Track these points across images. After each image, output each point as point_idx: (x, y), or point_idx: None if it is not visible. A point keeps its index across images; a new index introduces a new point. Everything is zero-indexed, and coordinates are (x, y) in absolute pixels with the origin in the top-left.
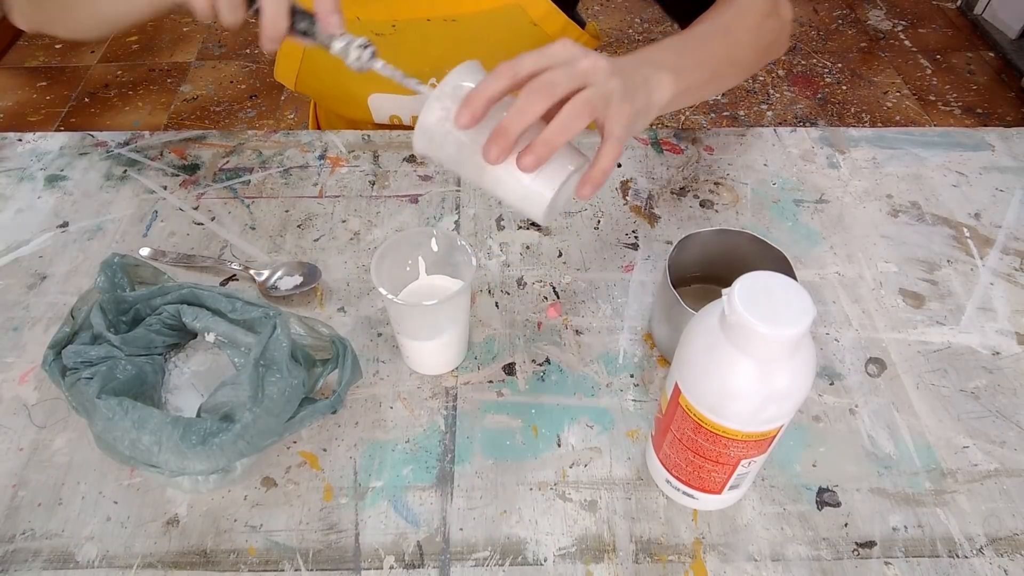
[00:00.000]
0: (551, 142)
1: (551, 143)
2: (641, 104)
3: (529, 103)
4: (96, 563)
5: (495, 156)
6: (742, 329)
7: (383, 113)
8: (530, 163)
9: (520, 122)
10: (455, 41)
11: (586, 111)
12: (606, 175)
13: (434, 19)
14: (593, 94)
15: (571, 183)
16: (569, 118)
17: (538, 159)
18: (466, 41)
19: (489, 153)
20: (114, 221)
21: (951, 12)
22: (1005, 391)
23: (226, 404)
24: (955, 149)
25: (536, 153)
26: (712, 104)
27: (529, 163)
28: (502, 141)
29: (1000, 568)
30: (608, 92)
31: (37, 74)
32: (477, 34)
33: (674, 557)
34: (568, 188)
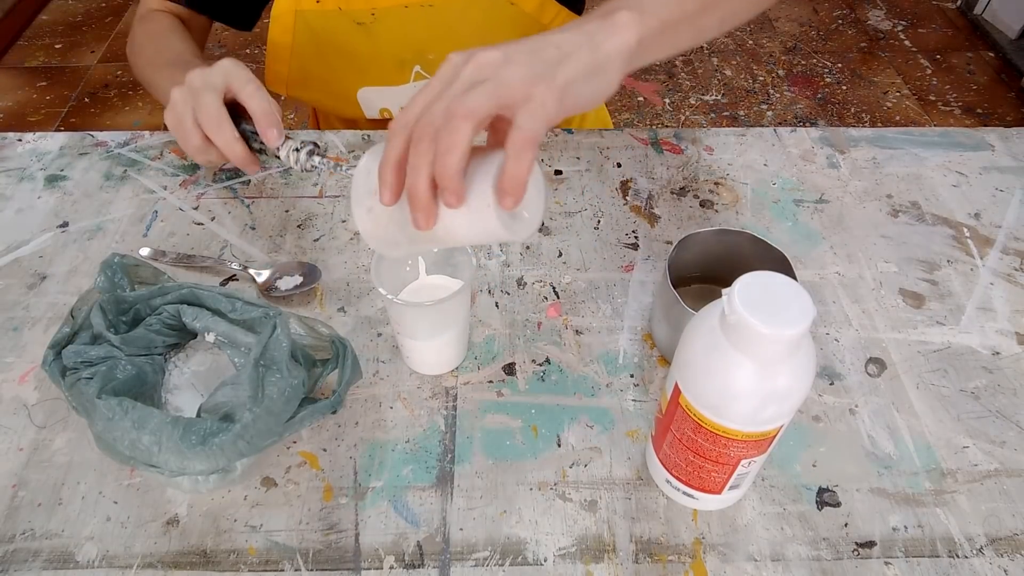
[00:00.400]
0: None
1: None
2: (576, 69)
3: (417, 154)
4: (96, 563)
5: (423, 221)
6: (742, 329)
7: (373, 107)
8: (451, 200)
9: (420, 177)
10: (434, 26)
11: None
12: (518, 182)
13: (411, 5)
14: (475, 91)
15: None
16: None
17: (453, 192)
18: (445, 25)
19: (417, 221)
20: (114, 221)
21: (951, 12)
22: (1005, 391)
23: (226, 404)
24: (955, 149)
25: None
26: (712, 104)
27: (450, 200)
28: (418, 203)
29: (1000, 568)
30: (503, 80)
31: (37, 74)
32: (455, 18)
33: (674, 557)
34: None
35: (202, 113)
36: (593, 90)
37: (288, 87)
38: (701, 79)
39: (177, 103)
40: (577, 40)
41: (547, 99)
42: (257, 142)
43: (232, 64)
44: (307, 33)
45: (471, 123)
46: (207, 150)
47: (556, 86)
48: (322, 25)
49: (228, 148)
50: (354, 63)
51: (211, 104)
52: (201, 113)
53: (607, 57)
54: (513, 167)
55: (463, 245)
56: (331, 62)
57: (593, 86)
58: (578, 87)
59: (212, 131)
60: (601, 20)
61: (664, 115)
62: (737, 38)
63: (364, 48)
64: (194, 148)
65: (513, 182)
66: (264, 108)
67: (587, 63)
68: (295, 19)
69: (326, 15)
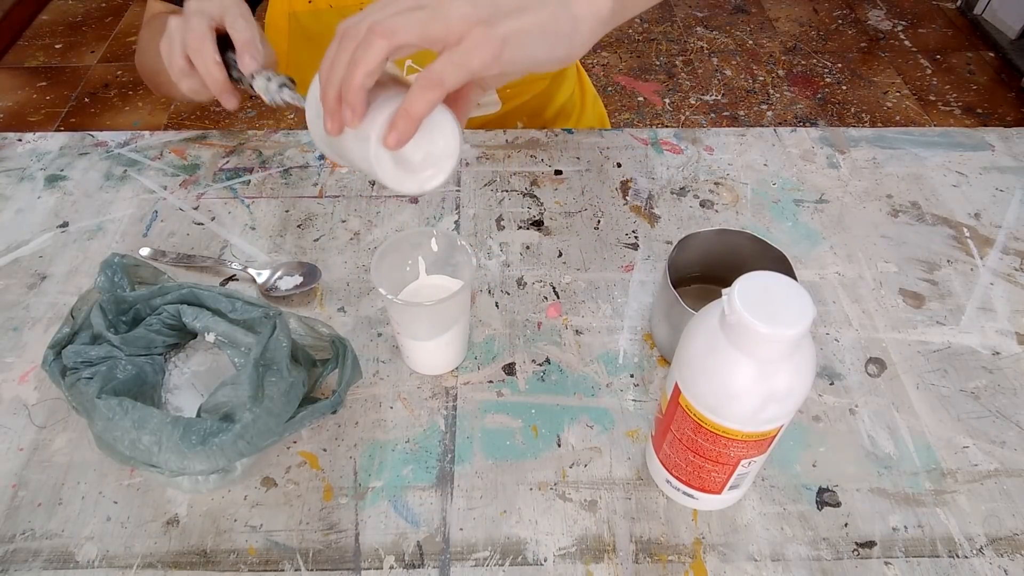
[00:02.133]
0: (349, 83)
1: (350, 84)
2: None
3: (338, 51)
4: (96, 563)
5: (331, 125)
6: (742, 329)
7: None
8: (347, 115)
9: (334, 78)
10: None
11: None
12: (407, 118)
13: None
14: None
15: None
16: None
17: (352, 108)
18: None
19: (327, 123)
20: (114, 221)
21: (951, 12)
22: (1005, 391)
23: (226, 404)
24: (955, 149)
25: (347, 102)
26: (712, 104)
27: (346, 115)
28: (328, 103)
29: (1000, 568)
30: (440, 13)
31: (37, 74)
32: None
33: (674, 557)
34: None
35: (188, 35)
36: (550, 52)
37: None
38: (701, 79)
39: (171, 29)
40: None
41: (479, 46)
42: (237, 71)
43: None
44: (301, 35)
45: (386, 42)
46: (190, 74)
47: (496, 34)
48: (315, 25)
49: (206, 70)
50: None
51: (197, 27)
52: (187, 35)
53: (575, 20)
54: (407, 102)
55: (360, 169)
56: None
57: (550, 47)
58: (526, 41)
59: (193, 53)
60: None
61: (664, 115)
62: (737, 38)
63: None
64: (178, 70)
65: (401, 117)
66: (245, 36)
67: (546, 20)
68: (289, 22)
69: (318, 14)
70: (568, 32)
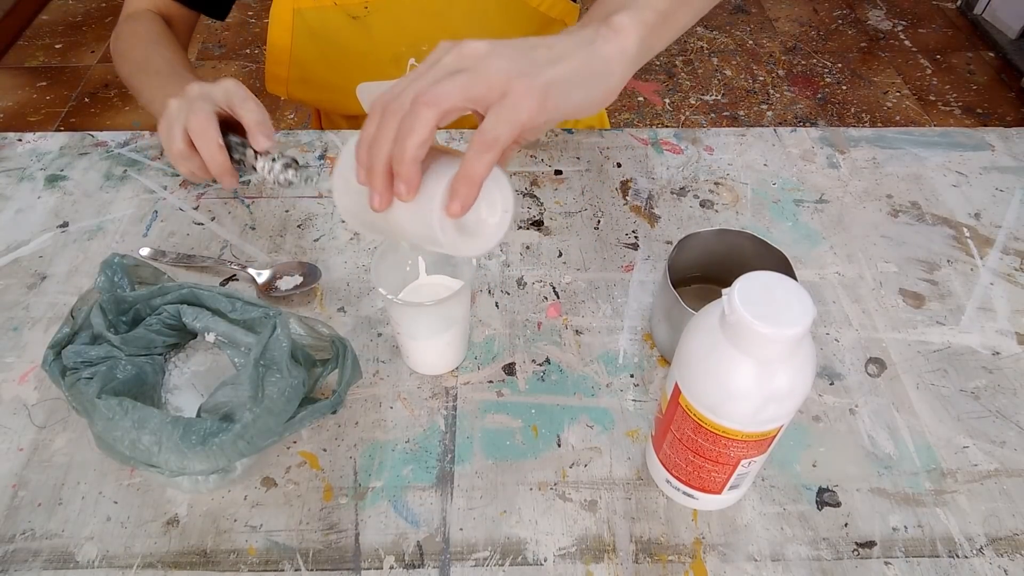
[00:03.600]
0: (401, 156)
1: (402, 157)
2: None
3: (381, 128)
4: (96, 563)
5: (377, 200)
6: (742, 329)
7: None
8: (400, 190)
9: (380, 154)
10: (426, 16)
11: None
12: (468, 183)
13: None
14: (448, 82)
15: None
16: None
17: (406, 182)
18: (436, 15)
19: (372, 200)
20: (114, 221)
21: (951, 12)
22: (1005, 391)
23: (226, 404)
24: (955, 149)
25: (400, 177)
26: (712, 104)
27: (400, 190)
28: (374, 180)
29: (1000, 568)
30: (480, 73)
31: (37, 74)
32: (446, 7)
33: (674, 557)
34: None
35: (191, 118)
36: (588, 94)
37: (289, 88)
38: (701, 79)
39: (172, 110)
40: (573, 43)
41: (524, 99)
42: (239, 153)
43: (235, 84)
44: (305, 31)
45: (434, 111)
46: (190, 157)
47: (537, 85)
48: (319, 21)
49: (210, 153)
50: (351, 58)
51: (202, 111)
52: (191, 118)
53: (605, 61)
54: (466, 167)
55: (413, 242)
56: (329, 58)
57: (587, 90)
58: (566, 89)
59: (197, 135)
60: (599, 25)
61: (664, 115)
62: (737, 38)
63: (360, 42)
64: (177, 152)
65: (462, 183)
66: (257, 117)
67: (580, 66)
68: (293, 17)
69: (322, 11)
70: (602, 72)
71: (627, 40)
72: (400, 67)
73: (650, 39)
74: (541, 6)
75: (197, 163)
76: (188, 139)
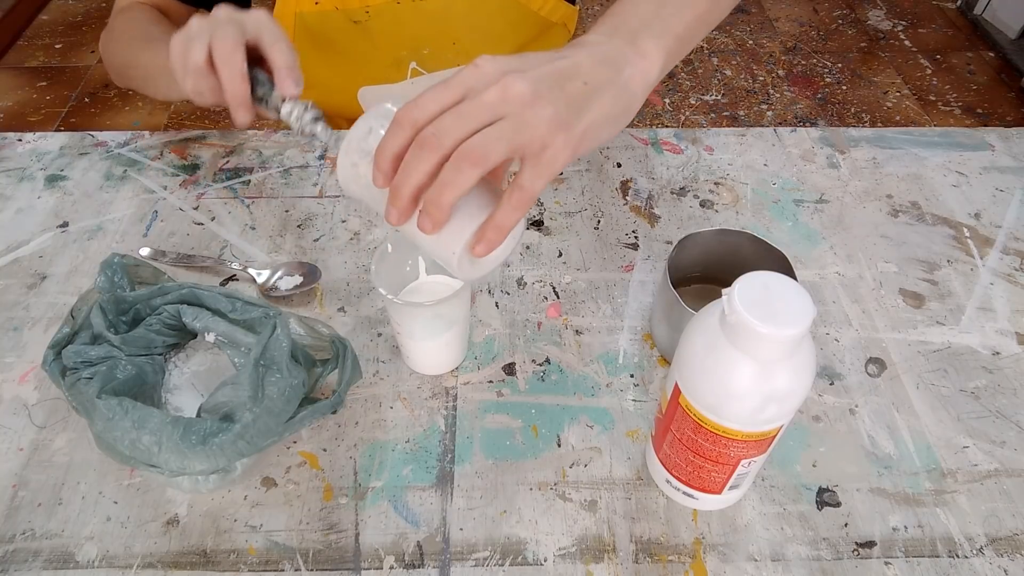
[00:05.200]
0: (438, 202)
1: (438, 203)
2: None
3: (416, 159)
4: (96, 563)
5: (395, 218)
6: (742, 329)
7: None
8: (426, 225)
9: (409, 183)
10: (426, 20)
11: (475, 159)
12: (500, 233)
13: (403, 0)
14: (493, 135)
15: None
16: (451, 173)
17: (434, 222)
18: (437, 19)
19: (389, 215)
20: (114, 221)
21: (951, 12)
22: (1005, 391)
23: (226, 404)
24: (955, 149)
25: (430, 216)
26: (712, 104)
27: (426, 225)
28: (398, 203)
29: (1000, 568)
30: (524, 124)
31: (37, 74)
32: (446, 11)
33: (674, 557)
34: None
35: (218, 40)
36: (614, 129)
37: None
38: (701, 79)
39: (192, 27)
40: (605, 74)
41: (562, 152)
42: (261, 89)
43: (267, 16)
44: (307, 36)
45: (479, 170)
46: (206, 75)
47: (575, 135)
48: (321, 26)
49: (232, 82)
50: (353, 62)
51: (231, 35)
52: (217, 40)
53: (632, 94)
54: (501, 217)
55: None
56: (331, 62)
57: (615, 126)
58: (598, 132)
59: (222, 60)
60: (625, 46)
61: (664, 115)
62: (737, 38)
63: (361, 46)
64: (194, 66)
65: (495, 232)
66: (289, 60)
67: (612, 103)
68: (295, 22)
69: (324, 15)
70: (628, 106)
71: (652, 67)
72: (401, 70)
73: (668, 62)
74: (542, 10)
75: (212, 83)
76: (209, 58)
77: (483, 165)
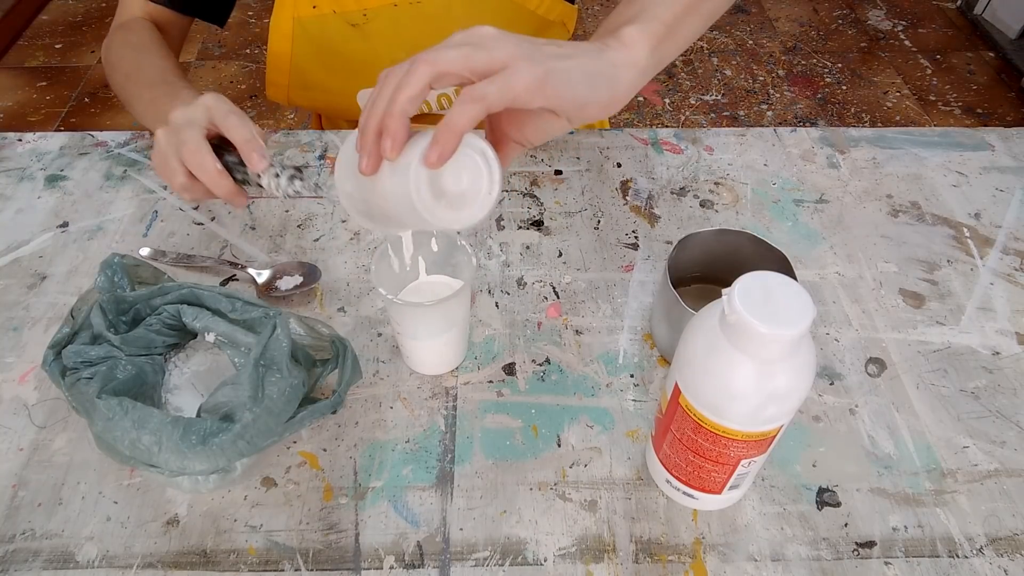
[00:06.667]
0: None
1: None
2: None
3: (381, 88)
4: (96, 563)
5: (365, 163)
6: (742, 329)
7: None
8: (386, 145)
9: (374, 113)
10: (424, 23)
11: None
12: (448, 132)
13: (400, 3)
14: (451, 45)
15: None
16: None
17: (393, 137)
18: (435, 22)
19: (361, 163)
20: (114, 221)
21: (951, 12)
22: (1005, 391)
23: (226, 404)
24: (955, 149)
25: (388, 131)
26: (712, 104)
27: (385, 145)
28: (363, 141)
29: (1000, 568)
30: (484, 47)
31: (37, 74)
32: (444, 13)
33: (674, 557)
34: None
35: (184, 149)
36: (591, 93)
37: (290, 95)
38: (701, 79)
39: (161, 143)
40: (582, 47)
41: (523, 73)
42: (240, 173)
43: (213, 99)
44: (305, 39)
45: (430, 68)
46: (192, 187)
47: (539, 67)
48: (319, 30)
49: (212, 181)
50: (352, 66)
51: (192, 139)
52: (183, 149)
53: (613, 66)
54: (448, 116)
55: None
56: (330, 66)
57: (591, 88)
58: (567, 79)
59: (194, 165)
60: (608, 37)
61: (664, 115)
62: (737, 38)
63: (360, 50)
64: (180, 185)
65: (442, 131)
66: (245, 135)
67: (586, 63)
68: (293, 26)
69: (322, 19)
70: (608, 76)
71: (636, 51)
72: None
73: (660, 50)
74: (539, 9)
75: (202, 190)
76: (187, 170)
77: (434, 65)
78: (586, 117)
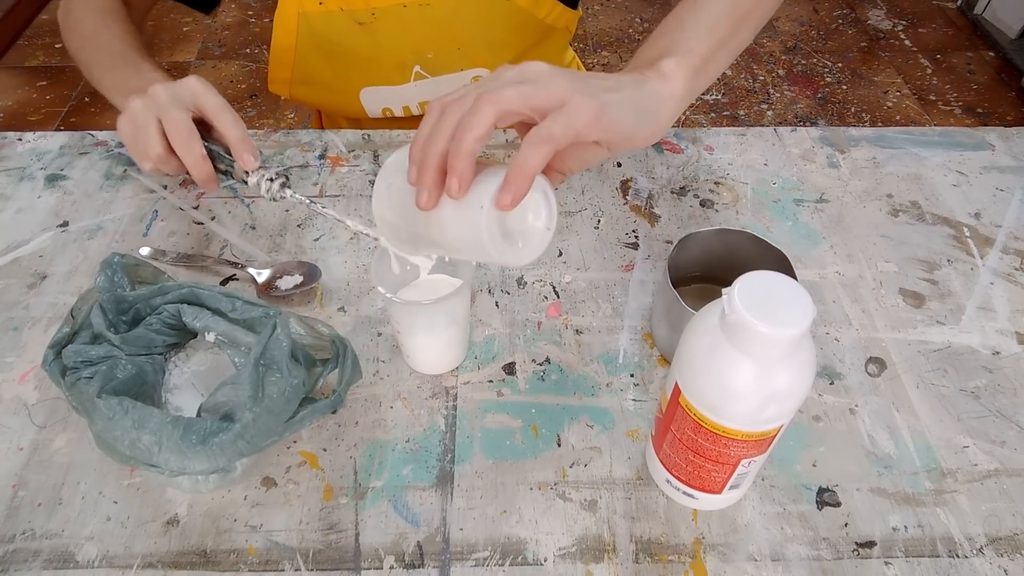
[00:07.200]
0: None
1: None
2: (622, 96)
3: (439, 124)
4: (96, 563)
5: (424, 199)
6: (742, 329)
7: (375, 107)
8: (452, 185)
9: (433, 150)
10: (432, 25)
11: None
12: (520, 175)
13: (409, 4)
14: (511, 83)
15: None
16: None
17: (459, 176)
18: (443, 24)
19: (420, 197)
20: (114, 221)
21: (951, 12)
22: (1005, 391)
23: (226, 404)
24: (955, 149)
25: (454, 170)
26: (712, 104)
27: (451, 186)
28: (424, 176)
29: (1000, 568)
30: (542, 84)
31: (37, 74)
32: (452, 16)
33: (674, 557)
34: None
35: (172, 128)
36: (639, 125)
37: (292, 89)
38: None
39: (138, 113)
40: (625, 79)
41: (582, 109)
42: (225, 163)
43: (201, 85)
44: (310, 35)
45: (495, 108)
46: (167, 160)
47: (595, 101)
48: (324, 26)
49: (195, 165)
50: (356, 63)
51: (182, 121)
52: (171, 127)
53: (656, 98)
54: (520, 159)
55: (453, 254)
56: (334, 63)
57: (638, 118)
58: (619, 112)
59: (181, 146)
60: (648, 68)
61: None
62: None
63: (366, 48)
64: (155, 156)
65: (515, 174)
66: (239, 134)
67: (634, 96)
68: (298, 21)
69: (328, 16)
70: (652, 108)
71: (675, 84)
72: (405, 74)
73: (695, 81)
74: (548, 17)
75: (174, 165)
76: (166, 144)
77: (498, 105)
78: (630, 147)
